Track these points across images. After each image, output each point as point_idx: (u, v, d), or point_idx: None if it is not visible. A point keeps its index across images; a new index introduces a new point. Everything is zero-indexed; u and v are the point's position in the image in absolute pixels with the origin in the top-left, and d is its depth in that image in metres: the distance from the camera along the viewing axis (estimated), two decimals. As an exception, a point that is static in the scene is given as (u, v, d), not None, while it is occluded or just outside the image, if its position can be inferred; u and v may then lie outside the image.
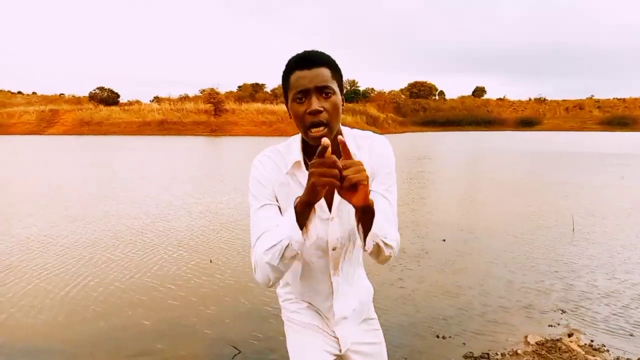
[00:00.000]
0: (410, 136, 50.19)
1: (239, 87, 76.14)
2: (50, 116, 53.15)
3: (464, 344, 3.53)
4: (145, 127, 50.10)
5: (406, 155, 22.53)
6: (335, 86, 1.31)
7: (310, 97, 1.28)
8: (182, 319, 3.94)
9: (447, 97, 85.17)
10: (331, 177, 1.12)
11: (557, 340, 3.54)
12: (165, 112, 53.05)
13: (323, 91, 1.28)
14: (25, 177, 13.53)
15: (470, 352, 3.36)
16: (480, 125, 70.06)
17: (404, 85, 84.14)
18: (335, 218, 1.42)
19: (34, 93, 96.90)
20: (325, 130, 1.29)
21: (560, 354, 3.29)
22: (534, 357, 3.28)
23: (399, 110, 71.02)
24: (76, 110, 54.19)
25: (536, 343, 3.49)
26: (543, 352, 3.34)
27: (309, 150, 1.38)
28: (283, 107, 57.87)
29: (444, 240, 6.45)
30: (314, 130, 1.29)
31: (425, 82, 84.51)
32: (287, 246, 1.24)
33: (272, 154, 1.46)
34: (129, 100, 65.46)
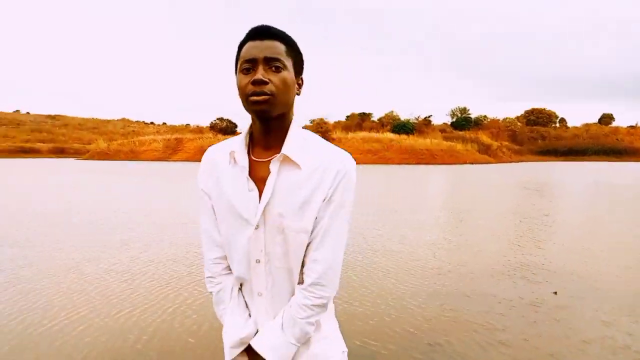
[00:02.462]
0: (527, 165, 46.91)
1: (347, 116, 77.17)
2: (175, 144, 58.12)
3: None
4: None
5: (520, 185, 20.85)
6: (288, 63, 1.22)
7: (257, 68, 1.19)
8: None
9: (569, 124, 78.90)
10: None
11: None
12: (275, 141, 55.33)
13: (272, 64, 1.19)
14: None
15: None
16: (609, 155, 63.64)
17: (519, 112, 79.67)
18: (260, 226, 1.26)
19: (164, 123, 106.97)
20: (268, 99, 1.18)
21: None
22: None
23: (515, 139, 67.14)
24: (197, 138, 58.60)
25: None
26: None
27: (252, 139, 1.31)
28: (388, 135, 57.66)
29: (555, 292, 5.47)
30: (253, 98, 1.19)
31: (544, 109, 79.32)
32: None
33: (214, 154, 1.37)
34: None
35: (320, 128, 55.39)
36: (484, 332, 4.11)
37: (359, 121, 71.55)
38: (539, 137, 69.62)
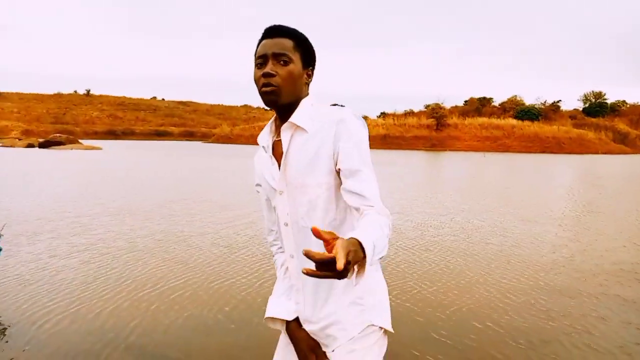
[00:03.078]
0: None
1: (466, 101, 73.81)
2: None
3: None
4: (370, 141, 52.49)
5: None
6: (295, 57, 1.37)
7: (267, 62, 1.36)
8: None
9: None
10: None
11: None
12: (388, 127, 54.79)
13: (280, 58, 1.35)
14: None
15: None
16: None
17: (668, 96, 70.03)
18: (284, 192, 1.41)
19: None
20: (276, 90, 1.34)
21: None
22: None
23: (660, 127, 59.29)
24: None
25: None
26: None
27: (278, 126, 1.46)
28: (510, 121, 54.15)
29: None
30: (264, 89, 1.35)
31: (701, 92, 68.88)
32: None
33: (259, 149, 1.56)
34: (358, 116, 69.37)
35: (435, 113, 53.65)
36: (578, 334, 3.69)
37: (479, 106, 68.13)
38: (691, 125, 60.69)
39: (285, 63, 1.35)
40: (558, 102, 63.30)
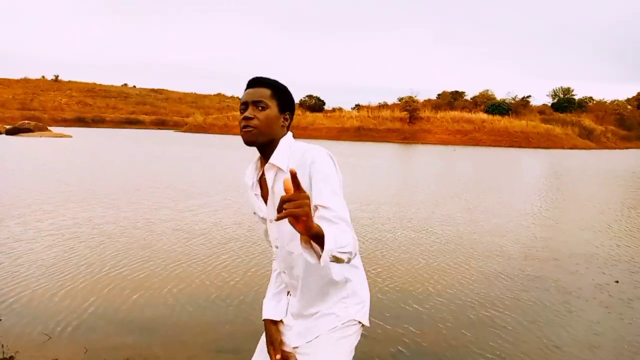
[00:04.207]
0: (636, 152, 42.92)
1: (438, 95, 74.83)
2: (264, 120, 60.05)
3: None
4: (343, 133, 52.83)
5: (620, 173, 19.30)
6: (272, 103, 1.64)
7: (247, 108, 1.64)
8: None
9: (693, 108, 70.24)
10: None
11: None
12: (362, 119, 55.19)
13: (259, 105, 1.63)
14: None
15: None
16: None
17: (631, 94, 72.31)
18: (273, 221, 1.67)
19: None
20: (253, 131, 1.62)
21: None
22: None
23: (623, 123, 61.24)
24: (286, 115, 60.06)
25: None
26: None
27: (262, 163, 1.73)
28: (481, 115, 55.20)
29: (617, 281, 5.22)
30: (244, 129, 1.63)
31: (662, 91, 71.34)
32: None
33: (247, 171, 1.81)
34: (332, 108, 69.49)
35: (408, 106, 54.28)
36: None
37: (451, 100, 69.15)
38: (652, 122, 62.92)
39: (263, 109, 1.62)
40: (528, 97, 64.72)
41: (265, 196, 1.70)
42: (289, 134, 1.70)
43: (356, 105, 71.47)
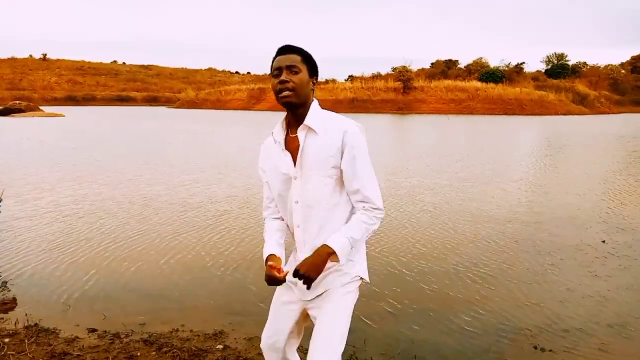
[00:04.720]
0: (628, 117, 43.09)
1: (432, 64, 74.31)
2: (258, 94, 59.47)
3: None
4: (337, 105, 52.44)
5: (616, 137, 19.51)
6: (303, 68, 1.79)
7: (282, 72, 1.77)
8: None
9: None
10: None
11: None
12: (356, 90, 54.89)
13: (291, 69, 1.77)
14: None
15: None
16: None
17: (625, 59, 71.93)
18: (298, 178, 1.82)
19: (248, 73, 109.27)
20: (291, 94, 1.76)
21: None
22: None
23: (617, 88, 61.18)
24: (279, 88, 59.53)
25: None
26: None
27: (289, 123, 1.89)
28: (475, 83, 55.01)
29: (604, 241, 5.46)
30: (281, 94, 1.76)
31: (656, 54, 70.95)
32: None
33: (267, 141, 1.97)
34: (326, 79, 68.97)
35: (402, 76, 53.96)
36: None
37: (444, 68, 68.75)
38: (645, 86, 62.85)
39: (296, 73, 1.76)
40: (522, 64, 64.34)
41: (292, 154, 1.84)
42: (316, 100, 1.86)
43: (349, 76, 70.85)
